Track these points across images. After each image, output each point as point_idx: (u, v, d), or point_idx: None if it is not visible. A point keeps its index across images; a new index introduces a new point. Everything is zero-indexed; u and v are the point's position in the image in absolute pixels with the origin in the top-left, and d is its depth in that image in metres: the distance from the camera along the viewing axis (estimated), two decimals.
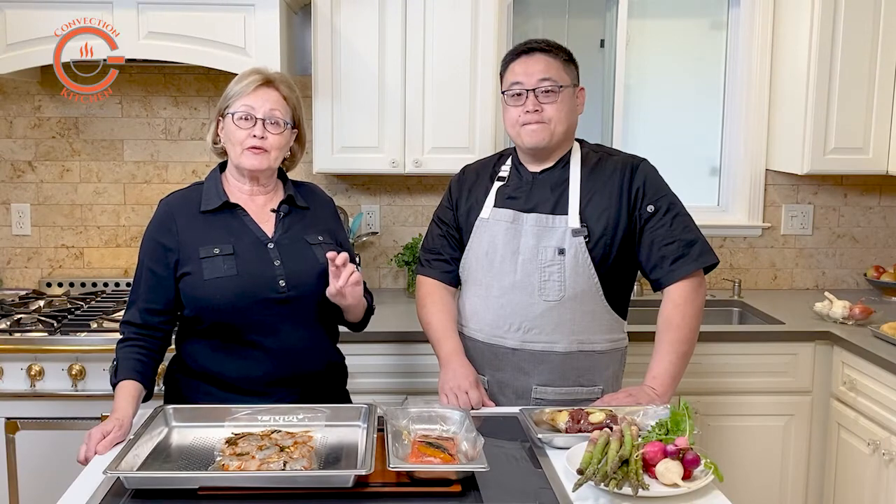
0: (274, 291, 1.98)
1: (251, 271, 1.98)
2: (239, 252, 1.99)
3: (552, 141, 2.18)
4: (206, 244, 1.99)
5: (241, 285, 1.96)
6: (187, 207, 2.05)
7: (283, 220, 2.07)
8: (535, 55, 2.19)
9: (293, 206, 2.10)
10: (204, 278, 1.96)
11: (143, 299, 2.02)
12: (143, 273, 2.03)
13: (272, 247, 2.02)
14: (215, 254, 1.98)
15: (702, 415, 2.86)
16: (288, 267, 2.00)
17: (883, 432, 2.63)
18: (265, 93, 2.02)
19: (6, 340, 2.72)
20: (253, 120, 1.99)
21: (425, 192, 3.45)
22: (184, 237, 2.01)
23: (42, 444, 2.72)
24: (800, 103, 3.19)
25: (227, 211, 2.04)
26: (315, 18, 3.01)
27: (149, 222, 2.09)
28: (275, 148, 2.02)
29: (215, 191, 2.06)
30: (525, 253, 2.17)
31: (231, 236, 2.01)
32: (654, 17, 3.59)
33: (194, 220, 2.03)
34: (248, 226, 2.04)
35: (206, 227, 2.02)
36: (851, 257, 3.60)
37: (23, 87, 3.30)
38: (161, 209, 2.08)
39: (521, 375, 2.20)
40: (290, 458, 1.62)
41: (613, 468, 1.54)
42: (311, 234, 2.09)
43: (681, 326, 2.14)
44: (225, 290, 1.95)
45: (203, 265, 1.97)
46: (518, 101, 2.17)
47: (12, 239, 3.39)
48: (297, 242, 2.05)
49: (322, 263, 2.02)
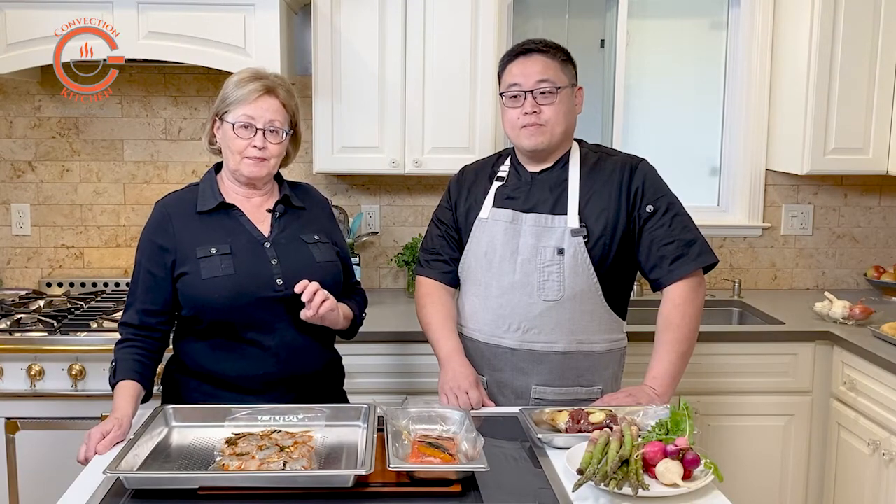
0: (271, 290, 1.98)
1: (249, 270, 1.98)
2: (236, 251, 1.99)
3: (551, 142, 2.18)
4: (204, 244, 2.00)
5: (239, 284, 1.96)
6: (183, 208, 2.06)
7: (278, 219, 2.07)
8: (533, 56, 2.18)
9: (289, 206, 2.10)
10: (202, 278, 1.96)
11: (140, 300, 2.02)
12: (141, 274, 2.03)
13: (269, 246, 2.02)
14: (212, 253, 1.98)
15: (702, 415, 2.86)
16: (285, 265, 2.00)
17: (883, 432, 2.63)
18: (266, 102, 2.01)
19: (6, 340, 2.72)
20: (253, 130, 1.99)
21: (425, 192, 3.45)
22: (181, 238, 2.01)
23: (42, 444, 2.72)
24: (800, 103, 3.19)
25: (222, 211, 2.05)
26: (315, 18, 3.01)
27: (145, 224, 2.09)
28: (274, 156, 2.03)
29: (211, 191, 2.06)
30: (524, 253, 2.17)
31: (228, 236, 2.01)
32: (654, 17, 3.59)
33: (191, 220, 2.03)
34: (244, 225, 2.04)
35: (203, 228, 2.02)
36: (851, 257, 3.60)
37: (23, 87, 3.30)
38: (157, 211, 2.09)
39: (520, 375, 2.20)
40: (290, 458, 1.62)
41: (613, 468, 1.53)
42: (307, 233, 2.09)
43: (680, 326, 2.14)
44: (223, 290, 1.95)
45: (201, 265, 1.97)
46: (516, 102, 2.17)
47: (12, 239, 3.39)
48: (293, 241, 2.05)
49: (319, 262, 2.03)
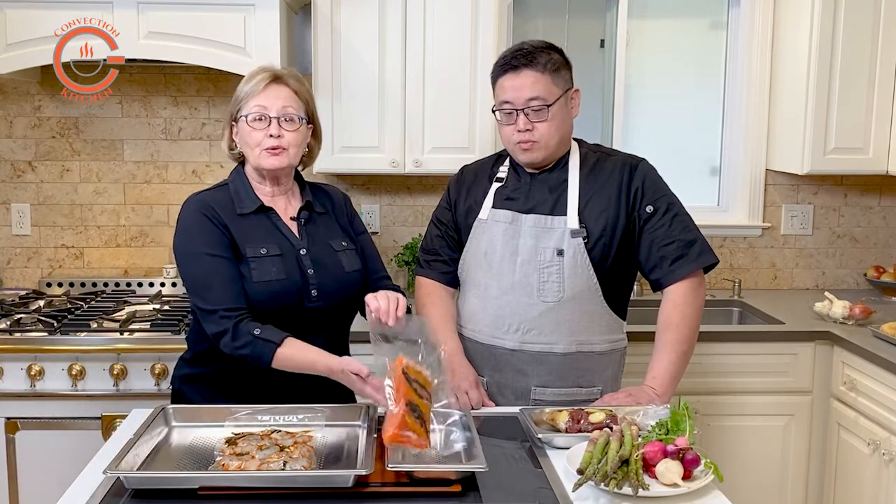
0: (307, 300, 1.95)
1: (293, 276, 1.95)
2: (284, 254, 1.96)
3: (546, 156, 2.18)
4: (252, 244, 1.93)
5: (285, 289, 1.92)
6: (224, 207, 1.98)
7: (304, 227, 2.04)
8: (522, 72, 2.11)
9: (312, 211, 2.07)
10: (253, 280, 1.91)
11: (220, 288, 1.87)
12: (208, 265, 1.89)
13: (304, 253, 1.98)
14: (263, 254, 1.93)
15: (702, 415, 2.86)
16: (320, 276, 1.97)
17: (883, 432, 2.63)
18: (276, 90, 1.97)
19: (6, 340, 2.71)
20: (267, 120, 1.95)
21: (425, 192, 3.45)
22: (233, 231, 1.94)
23: (42, 444, 2.72)
24: (800, 103, 3.19)
25: (261, 213, 2.00)
26: (315, 18, 3.01)
27: (184, 220, 1.97)
28: (293, 145, 1.97)
29: (246, 193, 2.01)
30: (524, 254, 2.17)
31: (272, 238, 1.97)
32: (654, 17, 3.59)
33: (235, 218, 1.97)
34: (281, 230, 2.00)
35: (248, 228, 1.96)
36: (851, 257, 3.60)
37: (23, 87, 3.30)
38: (197, 205, 1.97)
39: (520, 376, 2.19)
40: (290, 457, 1.62)
41: (613, 468, 1.53)
42: (336, 239, 2.06)
43: (681, 326, 2.14)
44: (271, 293, 1.91)
45: (251, 265, 1.92)
46: (509, 119, 2.15)
47: (12, 239, 3.39)
48: (324, 250, 2.02)
49: (348, 272, 2.01)
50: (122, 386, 2.71)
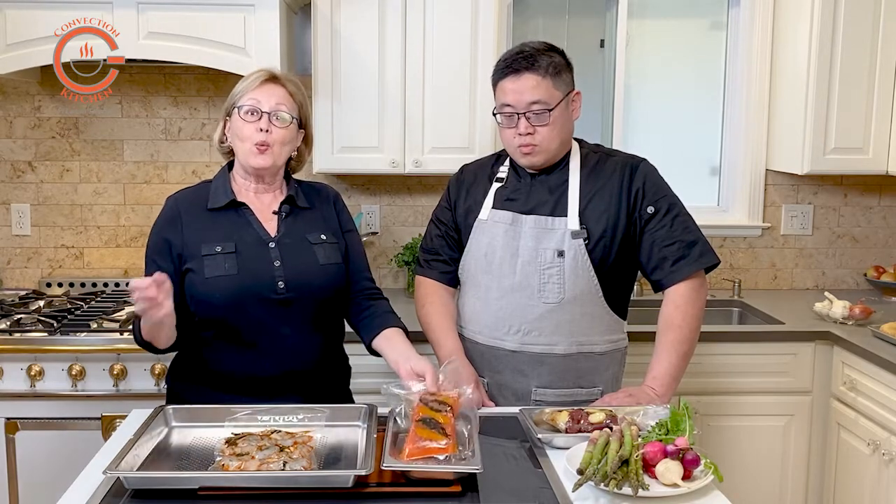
0: (273, 292, 1.98)
1: (251, 270, 1.98)
2: (241, 250, 1.99)
3: (547, 160, 2.18)
4: (209, 242, 1.99)
5: (241, 284, 1.96)
6: (194, 204, 2.06)
7: (284, 220, 2.07)
8: (523, 75, 2.10)
9: (294, 206, 2.10)
10: (205, 276, 1.96)
11: None
12: (149, 267, 2.01)
13: (273, 246, 2.02)
14: (217, 252, 1.98)
15: (702, 415, 2.86)
16: (288, 268, 2.00)
17: (883, 432, 2.63)
18: (271, 88, 2.03)
19: (6, 340, 2.71)
20: (259, 114, 1.99)
21: (425, 192, 3.45)
22: (188, 234, 2.01)
23: (42, 444, 2.72)
24: (800, 103, 3.19)
25: (232, 209, 2.04)
26: (315, 18, 3.01)
27: (156, 219, 2.09)
28: (279, 143, 2.01)
29: (223, 189, 2.06)
30: (524, 255, 2.16)
31: (235, 234, 2.01)
32: (654, 17, 3.59)
33: (200, 217, 2.03)
34: (251, 224, 2.04)
35: (211, 225, 2.02)
36: (851, 257, 3.60)
37: (23, 87, 3.30)
38: (168, 206, 2.09)
39: (520, 377, 2.19)
40: (290, 458, 1.62)
41: (613, 468, 1.53)
42: (314, 233, 2.08)
43: (682, 327, 2.14)
44: (224, 289, 1.95)
45: (205, 263, 1.97)
46: (510, 122, 2.14)
47: (12, 239, 3.39)
48: (298, 242, 2.05)
49: (322, 265, 2.03)
50: (122, 386, 2.72)
